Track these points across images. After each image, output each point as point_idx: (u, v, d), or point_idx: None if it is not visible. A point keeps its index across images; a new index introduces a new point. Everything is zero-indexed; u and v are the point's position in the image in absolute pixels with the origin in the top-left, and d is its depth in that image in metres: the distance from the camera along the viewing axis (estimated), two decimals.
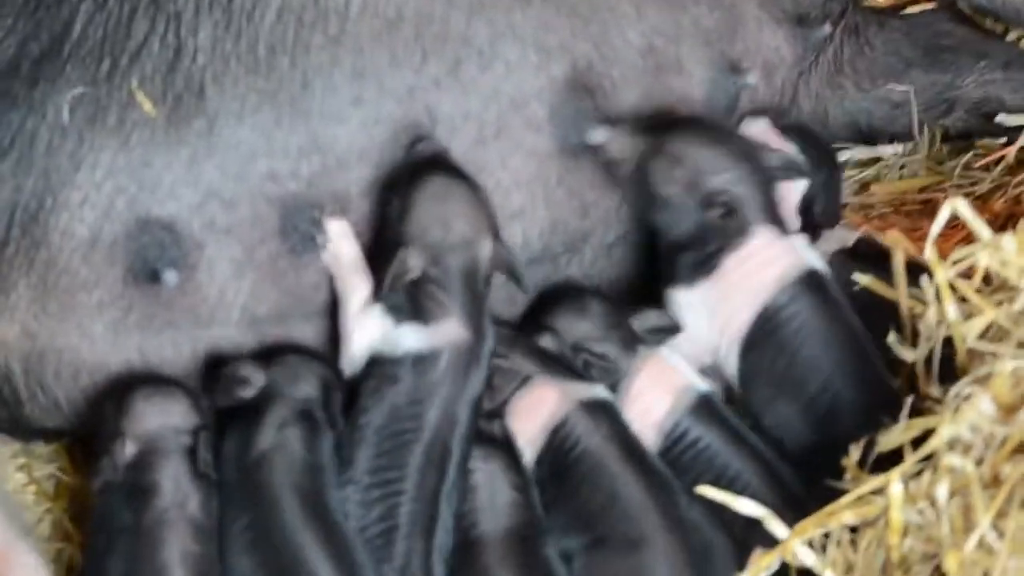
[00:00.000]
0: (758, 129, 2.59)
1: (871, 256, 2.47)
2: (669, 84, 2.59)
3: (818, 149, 2.64)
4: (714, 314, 2.41)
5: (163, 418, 2.31)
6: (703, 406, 2.37)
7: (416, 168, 2.39)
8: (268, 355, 2.40)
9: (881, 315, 2.27)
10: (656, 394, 2.38)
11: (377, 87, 2.44)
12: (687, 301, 2.43)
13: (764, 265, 2.39)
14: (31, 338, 2.42)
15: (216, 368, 2.40)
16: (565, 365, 2.38)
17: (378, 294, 2.36)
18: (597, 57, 2.54)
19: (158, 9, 2.42)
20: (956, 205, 2.04)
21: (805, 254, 2.43)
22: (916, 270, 2.21)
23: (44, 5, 2.43)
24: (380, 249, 2.39)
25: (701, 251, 2.42)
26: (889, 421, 2.09)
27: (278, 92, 2.42)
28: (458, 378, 2.30)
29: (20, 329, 2.42)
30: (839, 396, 2.33)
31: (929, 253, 2.06)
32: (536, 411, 2.35)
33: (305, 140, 2.42)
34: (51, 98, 2.40)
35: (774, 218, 2.43)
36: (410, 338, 2.33)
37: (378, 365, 2.33)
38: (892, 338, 2.20)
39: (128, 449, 2.29)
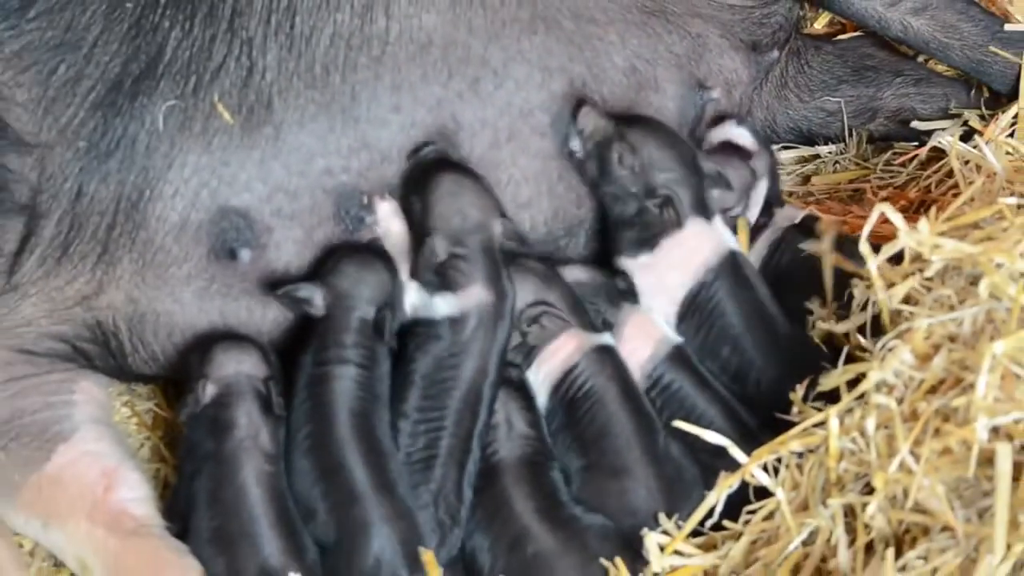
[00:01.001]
0: (727, 129, 2.60)
1: (814, 230, 2.44)
2: (648, 99, 2.58)
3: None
4: (655, 284, 2.41)
5: (238, 366, 2.30)
6: (676, 355, 2.35)
7: (427, 169, 2.39)
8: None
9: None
10: (640, 342, 2.37)
11: (412, 98, 2.44)
12: (632, 266, 2.43)
13: (694, 251, 2.39)
14: (133, 303, 2.41)
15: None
16: (588, 317, 2.38)
17: (413, 274, 2.36)
18: (589, 76, 2.53)
19: (233, 35, 2.42)
20: (883, 208, 2.04)
21: (726, 237, 2.43)
22: (847, 242, 2.22)
23: (142, 32, 2.42)
24: (412, 237, 2.40)
25: (643, 232, 2.41)
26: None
27: (331, 103, 2.42)
28: (488, 333, 2.30)
29: (125, 296, 2.41)
30: (745, 356, 2.33)
31: (863, 247, 2.04)
32: (558, 354, 2.34)
33: (354, 141, 2.42)
34: (148, 109, 2.39)
35: (703, 211, 2.41)
36: (443, 305, 2.32)
37: (422, 325, 2.33)
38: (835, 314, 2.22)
39: (208, 390, 2.28)
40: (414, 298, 2.35)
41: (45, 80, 2.40)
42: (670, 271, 2.40)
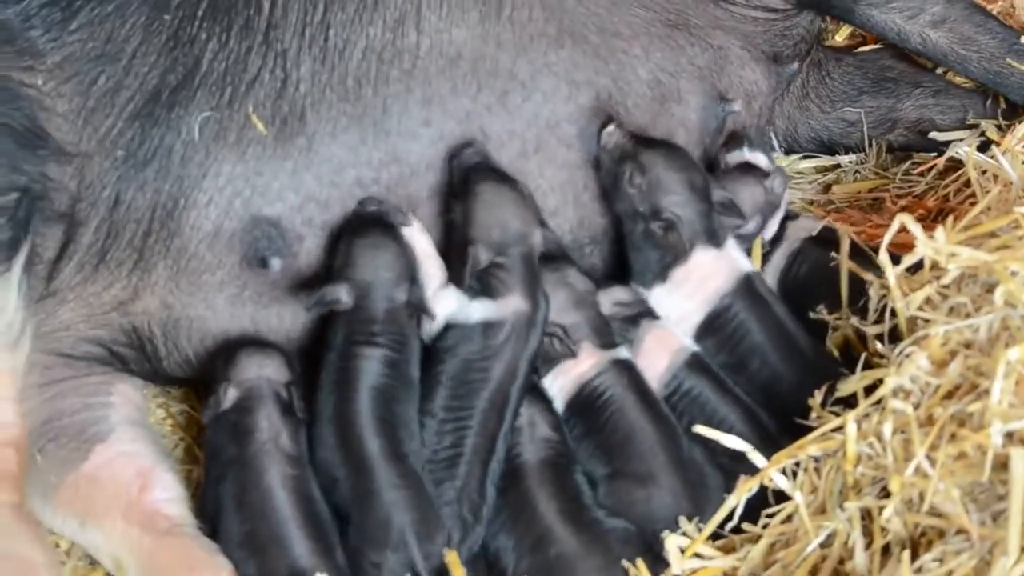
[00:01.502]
0: (743, 153, 2.61)
1: (832, 241, 2.48)
2: (671, 110, 2.61)
3: None
4: (670, 313, 2.43)
5: (259, 370, 2.33)
6: (695, 363, 2.37)
7: (468, 177, 2.40)
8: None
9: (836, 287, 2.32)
10: (658, 353, 2.39)
11: (442, 111, 2.46)
12: (648, 297, 2.46)
13: (706, 279, 2.41)
14: (168, 308, 2.45)
15: None
16: (612, 338, 2.40)
17: (457, 281, 2.36)
18: (615, 89, 2.56)
19: (268, 48, 2.45)
20: (903, 218, 2.06)
21: (739, 261, 2.44)
22: (864, 252, 2.26)
23: (180, 45, 2.45)
24: (452, 243, 2.42)
25: (655, 261, 2.44)
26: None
27: (363, 116, 2.44)
28: (520, 340, 2.32)
29: (159, 301, 2.44)
30: (774, 368, 2.34)
31: (882, 256, 2.07)
32: (573, 371, 2.37)
33: (384, 154, 2.45)
34: (184, 119, 2.42)
35: (713, 238, 2.43)
36: (480, 310, 2.34)
37: (454, 329, 2.34)
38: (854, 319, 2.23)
39: (230, 394, 2.30)
40: (452, 302, 2.36)
41: (85, 91, 2.43)
42: (684, 301, 2.42)
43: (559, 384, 2.38)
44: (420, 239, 2.42)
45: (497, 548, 2.23)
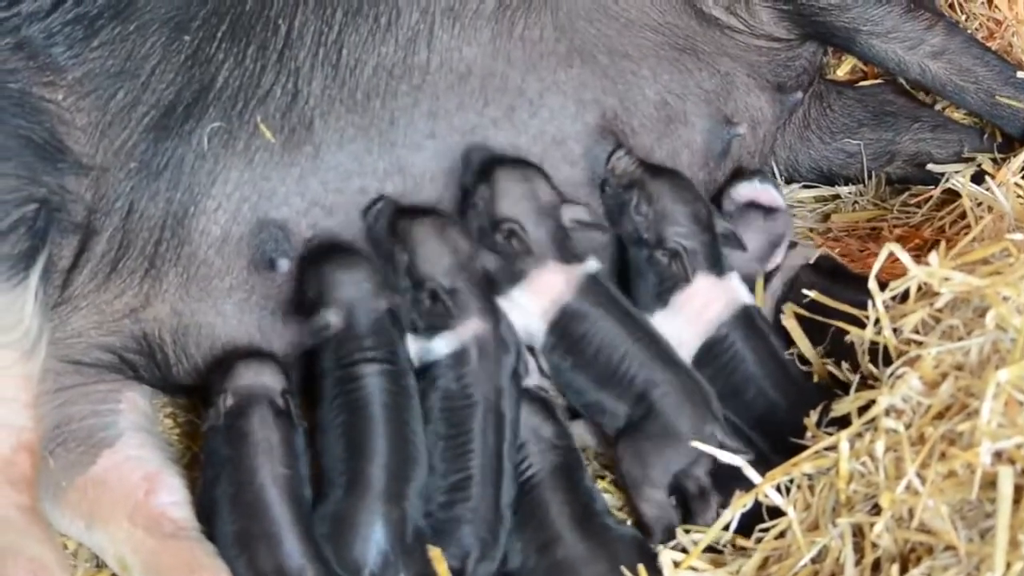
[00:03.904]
0: (753, 187, 2.60)
1: (828, 269, 2.50)
2: (677, 131, 2.61)
3: None
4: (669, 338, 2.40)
5: (256, 377, 2.33)
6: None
7: (394, 226, 2.37)
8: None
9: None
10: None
11: (448, 125, 2.46)
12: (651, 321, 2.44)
13: (706, 306, 2.39)
14: (178, 315, 2.44)
15: None
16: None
17: (412, 321, 2.35)
18: (621, 109, 2.55)
19: (282, 66, 2.46)
20: (892, 247, 2.08)
21: (739, 292, 2.43)
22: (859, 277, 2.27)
23: (197, 63, 2.46)
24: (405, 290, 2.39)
25: (656, 285, 2.42)
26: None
27: (370, 127, 2.45)
28: (490, 359, 2.30)
29: (170, 308, 2.44)
30: (770, 399, 2.33)
31: (871, 284, 2.09)
32: (547, 291, 2.36)
33: (389, 164, 2.45)
34: (196, 132, 2.43)
35: (714, 267, 2.42)
36: (444, 344, 2.32)
37: (429, 367, 2.32)
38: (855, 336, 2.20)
39: (228, 401, 2.31)
40: (413, 348, 2.34)
41: (104, 105, 2.44)
42: (684, 326, 2.40)
43: (536, 307, 2.37)
44: None
45: (507, 549, 2.24)
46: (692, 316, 2.40)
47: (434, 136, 2.47)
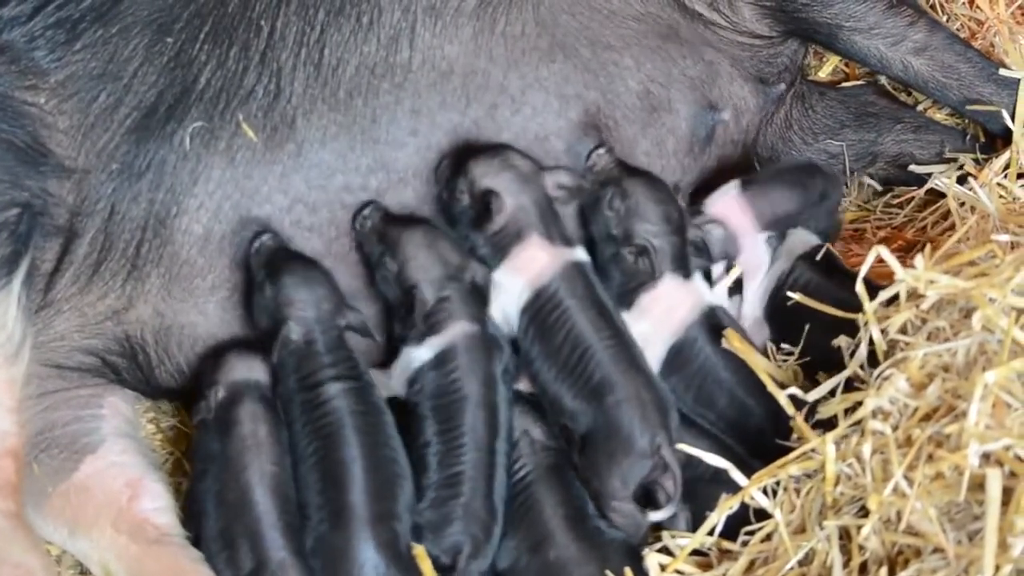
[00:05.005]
0: (725, 200, 2.53)
1: (824, 262, 2.44)
2: (662, 119, 2.59)
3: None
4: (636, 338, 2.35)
5: (248, 372, 2.31)
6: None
7: (383, 235, 2.37)
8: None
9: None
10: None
11: (430, 122, 2.45)
12: None
13: (673, 308, 2.35)
14: (160, 316, 2.42)
15: None
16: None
17: (406, 328, 2.33)
18: (604, 102, 2.53)
19: (264, 67, 2.44)
20: (879, 250, 2.06)
21: (704, 293, 2.39)
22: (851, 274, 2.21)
23: (180, 65, 2.44)
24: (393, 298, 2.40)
25: (621, 286, 2.38)
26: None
27: (352, 125, 2.44)
28: (481, 352, 2.29)
29: (152, 309, 2.42)
30: (743, 405, 2.28)
31: (859, 287, 2.06)
32: (527, 269, 2.35)
33: (372, 161, 2.44)
34: (178, 132, 2.41)
35: (682, 268, 2.38)
36: (430, 348, 2.31)
37: (413, 380, 2.31)
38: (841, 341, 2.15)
39: (219, 394, 2.30)
40: (406, 362, 2.32)
41: (86, 108, 2.42)
42: (649, 329, 2.35)
43: (513, 284, 2.35)
44: None
45: (498, 548, 2.22)
46: (659, 318, 2.36)
47: (416, 133, 2.46)
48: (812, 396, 2.10)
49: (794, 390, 2.12)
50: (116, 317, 2.44)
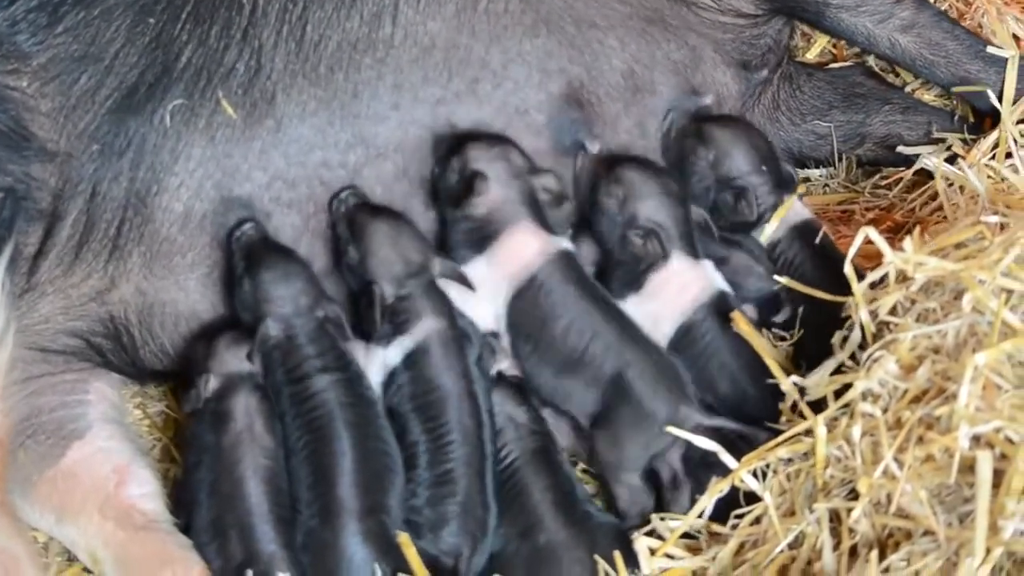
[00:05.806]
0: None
1: (818, 245, 2.45)
2: (644, 100, 2.57)
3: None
4: (643, 321, 2.34)
5: (240, 363, 2.29)
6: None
7: (352, 222, 2.35)
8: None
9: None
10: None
11: (412, 97, 2.43)
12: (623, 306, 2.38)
13: (682, 288, 2.34)
14: (142, 294, 2.40)
15: None
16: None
17: (369, 326, 2.30)
18: (588, 78, 2.52)
19: (246, 44, 2.42)
20: (867, 231, 2.05)
21: (714, 278, 2.37)
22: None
23: (162, 46, 2.42)
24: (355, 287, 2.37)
25: (630, 270, 2.37)
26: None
27: (332, 100, 2.42)
28: (453, 347, 2.27)
29: (134, 288, 2.40)
30: (745, 391, 2.27)
31: (847, 269, 2.06)
32: (517, 257, 2.34)
33: (352, 136, 2.42)
34: (158, 111, 2.39)
35: (690, 248, 2.38)
36: (399, 349, 2.28)
37: (391, 375, 2.29)
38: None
39: (211, 384, 2.28)
40: (378, 361, 2.30)
41: (67, 90, 2.40)
42: (660, 309, 2.34)
43: (508, 272, 2.33)
44: None
45: None
46: (670, 297, 2.34)
47: (398, 108, 2.44)
48: (810, 381, 2.08)
49: (796, 378, 2.12)
50: (100, 298, 2.41)
